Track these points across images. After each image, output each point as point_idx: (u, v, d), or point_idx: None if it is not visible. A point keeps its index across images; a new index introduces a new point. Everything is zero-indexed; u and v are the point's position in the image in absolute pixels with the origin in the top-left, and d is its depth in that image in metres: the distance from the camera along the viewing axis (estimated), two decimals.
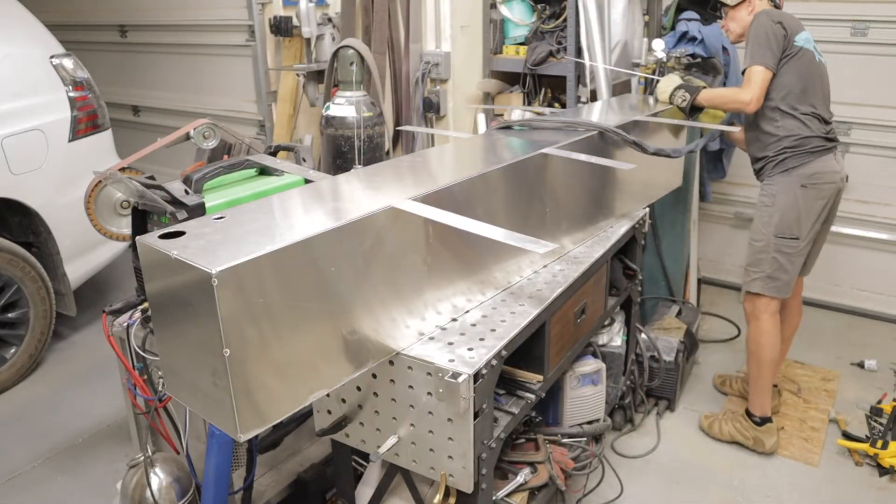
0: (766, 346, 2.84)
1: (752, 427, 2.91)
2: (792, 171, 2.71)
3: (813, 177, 2.69)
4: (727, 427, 2.99)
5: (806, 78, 2.67)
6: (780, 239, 2.74)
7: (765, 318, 2.83)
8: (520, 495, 1.98)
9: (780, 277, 2.78)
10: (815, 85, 2.70)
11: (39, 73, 3.51)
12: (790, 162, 2.71)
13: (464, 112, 3.80)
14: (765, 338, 2.84)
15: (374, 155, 2.64)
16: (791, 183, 2.71)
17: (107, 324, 1.95)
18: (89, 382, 3.50)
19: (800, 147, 2.69)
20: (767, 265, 2.78)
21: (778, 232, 2.74)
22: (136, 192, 1.92)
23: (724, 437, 2.99)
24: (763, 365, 2.86)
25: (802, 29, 2.69)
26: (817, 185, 2.70)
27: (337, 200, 1.70)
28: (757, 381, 2.90)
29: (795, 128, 2.69)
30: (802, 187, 2.70)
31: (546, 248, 1.49)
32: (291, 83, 4.32)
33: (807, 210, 2.72)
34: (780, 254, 2.76)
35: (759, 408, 2.91)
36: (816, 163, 2.69)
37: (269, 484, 2.30)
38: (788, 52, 2.63)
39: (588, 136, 2.36)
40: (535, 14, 3.65)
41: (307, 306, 1.37)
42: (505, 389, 1.96)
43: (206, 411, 1.37)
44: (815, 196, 2.71)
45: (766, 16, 2.65)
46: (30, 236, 3.60)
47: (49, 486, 2.82)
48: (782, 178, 2.73)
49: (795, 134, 2.69)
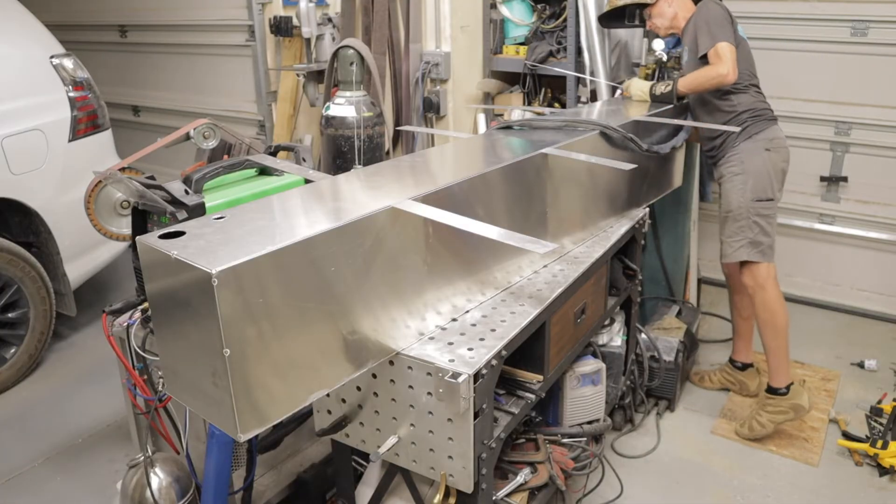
0: (779, 311, 2.88)
1: (783, 399, 2.91)
2: (755, 136, 2.84)
3: (773, 141, 2.85)
4: (763, 419, 2.95)
5: (747, 57, 2.88)
6: (759, 202, 2.83)
7: (769, 284, 2.87)
8: (520, 495, 1.98)
9: (763, 241, 2.84)
10: (752, 64, 2.92)
11: (39, 73, 3.51)
12: (752, 129, 2.85)
13: (464, 112, 3.80)
14: (775, 303, 2.88)
15: (374, 155, 2.64)
16: (757, 147, 2.84)
17: (107, 324, 1.95)
18: (89, 382, 3.50)
19: (758, 116, 2.86)
20: (749, 230, 2.85)
21: (754, 196, 2.83)
22: (136, 192, 1.92)
23: (767, 429, 2.95)
24: (779, 332, 2.89)
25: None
26: (778, 150, 2.85)
27: (337, 200, 1.69)
28: (777, 350, 2.91)
29: (750, 101, 2.87)
30: (767, 150, 2.83)
31: (546, 248, 1.49)
32: (291, 83, 4.32)
33: (775, 171, 2.84)
34: (759, 217, 2.83)
35: (783, 378, 2.92)
36: (773, 129, 2.87)
37: (269, 484, 2.30)
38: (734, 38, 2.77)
39: (588, 135, 2.36)
40: (535, 14, 3.66)
41: (307, 306, 1.37)
42: (505, 389, 1.96)
43: (206, 411, 1.37)
44: (779, 158, 2.86)
45: (714, 2, 2.83)
46: (30, 236, 3.60)
47: (49, 486, 2.82)
48: (747, 145, 2.85)
49: (752, 106, 2.87)
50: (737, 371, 3.27)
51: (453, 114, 3.76)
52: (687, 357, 3.28)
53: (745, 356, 3.26)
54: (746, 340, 3.24)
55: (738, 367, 3.27)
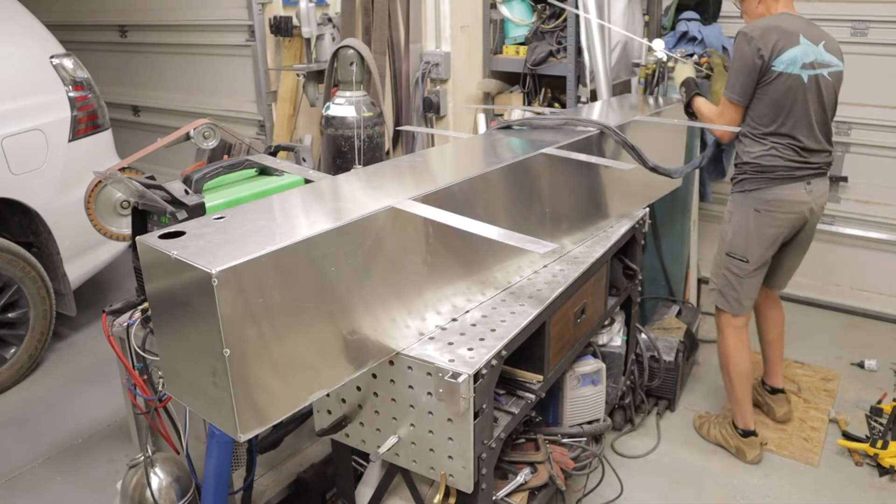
0: (731, 359, 2.84)
1: (736, 437, 2.90)
2: (748, 193, 2.67)
3: (770, 203, 2.63)
4: (714, 431, 2.99)
5: (779, 105, 2.54)
6: (730, 257, 2.75)
7: (727, 332, 2.85)
8: (520, 495, 1.98)
9: (730, 294, 2.79)
10: (795, 111, 2.54)
11: (39, 73, 3.51)
12: (746, 184, 2.67)
13: (464, 112, 3.80)
14: (729, 350, 2.85)
15: (374, 155, 2.64)
16: (746, 205, 2.68)
17: (107, 324, 1.95)
18: (89, 382, 3.50)
19: (761, 174, 2.62)
20: (720, 280, 2.81)
21: (729, 250, 2.75)
22: (136, 192, 1.91)
23: (710, 439, 2.99)
24: (733, 378, 2.86)
25: (792, 45, 2.49)
26: (772, 213, 2.63)
27: (337, 200, 1.69)
28: (731, 394, 2.91)
29: (760, 153, 2.61)
30: (755, 211, 2.65)
31: (546, 249, 1.49)
32: (291, 83, 4.32)
33: (757, 235, 2.67)
34: (728, 272, 2.76)
35: (740, 421, 2.89)
36: (776, 190, 2.61)
37: (269, 484, 2.30)
38: (764, 79, 2.52)
39: (588, 135, 2.36)
40: (535, 14, 3.65)
41: (307, 306, 1.37)
42: (505, 389, 1.96)
43: (206, 411, 1.37)
44: (767, 223, 2.65)
45: (745, 40, 2.51)
46: (30, 236, 3.60)
47: (49, 486, 2.82)
48: (739, 198, 2.72)
49: (757, 161, 2.62)
50: (766, 394, 3.16)
51: (453, 114, 3.75)
52: (687, 357, 3.27)
53: (775, 380, 3.13)
54: (774, 364, 3.12)
55: (767, 389, 3.16)
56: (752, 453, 2.85)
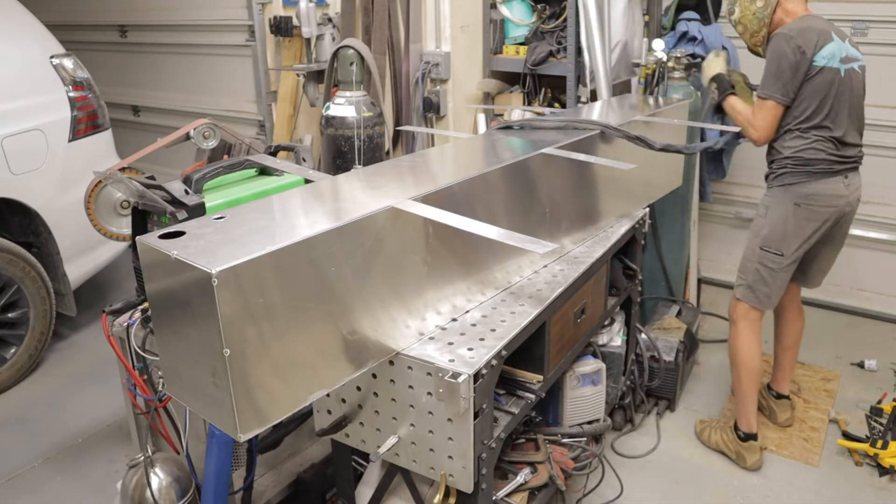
0: (742, 351, 2.82)
1: (737, 441, 2.88)
2: (788, 187, 2.66)
3: (809, 197, 2.63)
4: (715, 436, 2.97)
5: (822, 99, 2.56)
6: (765, 252, 2.72)
7: (742, 324, 2.82)
8: (520, 495, 1.98)
9: (760, 289, 2.76)
10: (835, 105, 2.57)
11: (39, 73, 3.52)
12: (787, 178, 2.66)
13: (464, 112, 3.80)
14: (740, 342, 2.82)
15: (374, 155, 2.64)
16: (785, 199, 2.67)
17: (107, 324, 1.95)
18: (89, 382, 3.50)
19: (801, 167, 2.63)
20: (750, 274, 2.78)
21: (763, 244, 2.72)
22: (136, 192, 1.91)
23: (711, 444, 2.97)
24: (741, 373, 2.82)
25: (828, 41, 2.55)
26: (811, 207, 2.64)
27: (337, 200, 1.69)
28: (737, 391, 2.88)
29: (801, 148, 2.62)
30: (795, 205, 2.65)
31: (546, 249, 1.49)
32: (291, 83, 4.32)
33: (795, 229, 2.66)
34: (762, 266, 2.74)
35: (744, 423, 2.87)
36: (817, 184, 2.62)
37: (269, 484, 2.30)
38: (807, 75, 2.54)
39: (588, 135, 2.36)
40: (535, 14, 3.66)
41: (307, 306, 1.37)
42: (505, 389, 1.96)
43: (206, 411, 1.37)
44: (807, 216, 2.65)
45: (785, 39, 2.53)
46: (30, 236, 3.60)
47: (49, 486, 2.82)
48: (778, 192, 2.70)
49: (799, 154, 2.62)
50: (771, 398, 3.14)
51: (453, 114, 3.76)
52: (687, 357, 3.27)
53: (782, 386, 3.12)
54: (785, 371, 3.10)
55: (773, 394, 3.15)
56: (752, 458, 2.84)
